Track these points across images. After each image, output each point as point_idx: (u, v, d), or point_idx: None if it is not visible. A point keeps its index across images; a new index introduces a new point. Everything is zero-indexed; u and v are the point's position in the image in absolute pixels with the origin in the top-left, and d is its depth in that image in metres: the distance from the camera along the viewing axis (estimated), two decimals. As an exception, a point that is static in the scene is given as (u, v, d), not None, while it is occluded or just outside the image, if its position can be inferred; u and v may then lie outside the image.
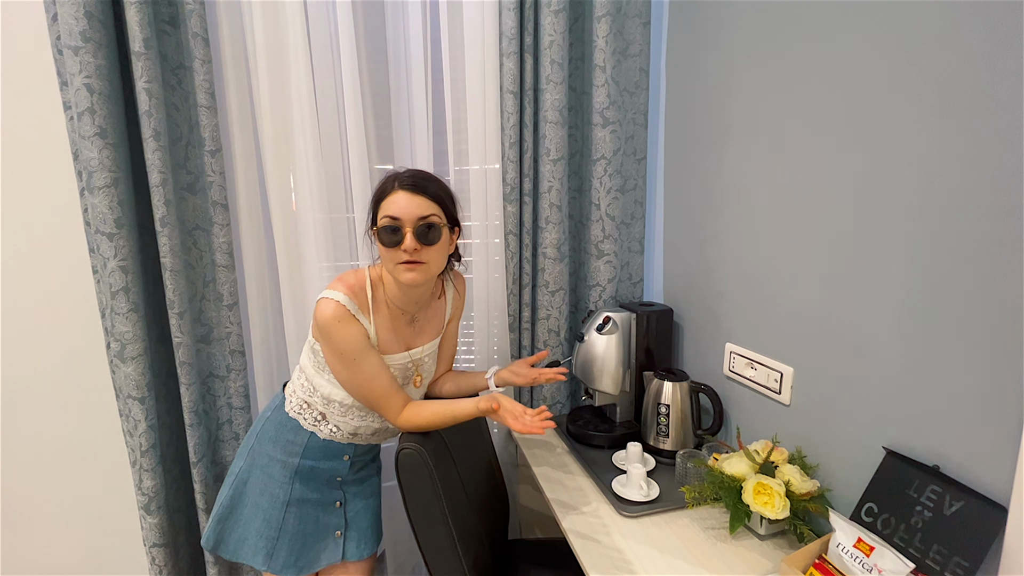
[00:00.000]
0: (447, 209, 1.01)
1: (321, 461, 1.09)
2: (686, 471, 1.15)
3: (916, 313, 0.85)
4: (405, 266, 0.96)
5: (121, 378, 1.20)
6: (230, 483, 1.10)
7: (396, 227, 0.94)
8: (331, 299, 0.97)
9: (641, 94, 1.49)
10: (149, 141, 1.13)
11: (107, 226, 1.12)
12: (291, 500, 1.07)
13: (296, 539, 1.07)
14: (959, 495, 0.78)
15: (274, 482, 1.07)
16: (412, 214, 0.95)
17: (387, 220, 0.95)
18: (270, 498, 1.06)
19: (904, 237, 0.86)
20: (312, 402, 1.07)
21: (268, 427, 1.09)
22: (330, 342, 0.98)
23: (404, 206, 0.94)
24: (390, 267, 0.99)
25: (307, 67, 1.25)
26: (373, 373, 1.00)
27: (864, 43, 0.90)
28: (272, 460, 1.07)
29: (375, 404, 1.04)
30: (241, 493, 1.08)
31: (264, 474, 1.07)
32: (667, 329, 1.43)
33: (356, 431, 1.09)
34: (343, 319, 0.96)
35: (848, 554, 0.83)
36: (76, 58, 1.05)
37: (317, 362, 1.05)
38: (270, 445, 1.08)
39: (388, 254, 0.97)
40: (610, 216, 1.47)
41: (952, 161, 0.78)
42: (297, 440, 1.07)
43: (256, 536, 1.06)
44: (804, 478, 0.99)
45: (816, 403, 1.05)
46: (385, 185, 0.99)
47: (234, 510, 1.09)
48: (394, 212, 0.94)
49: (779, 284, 1.12)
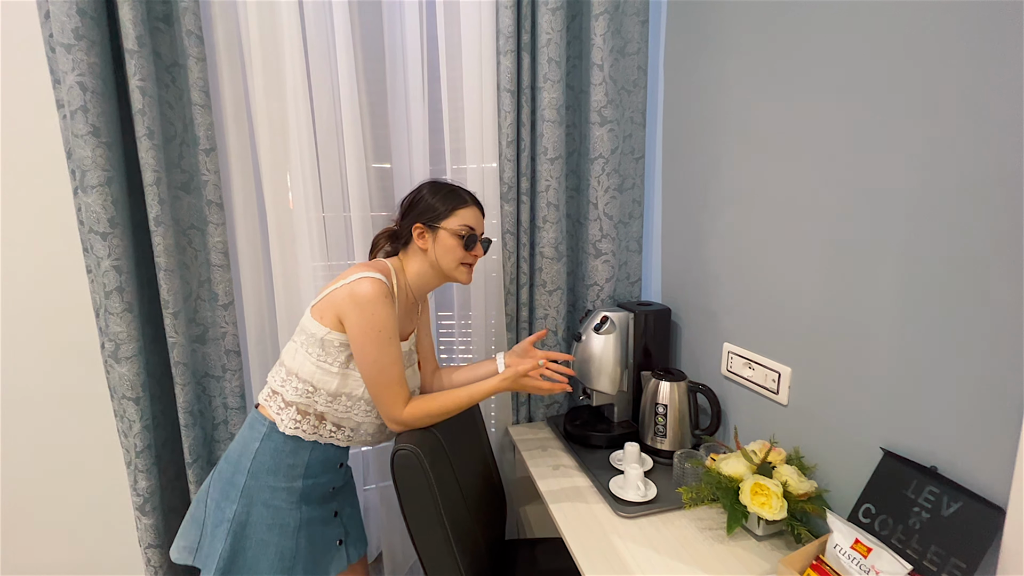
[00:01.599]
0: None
1: (321, 475, 1.08)
2: (684, 471, 1.15)
3: (914, 313, 0.84)
4: (467, 268, 1.15)
5: (116, 378, 1.19)
6: (224, 532, 1.01)
7: (475, 236, 1.13)
8: (375, 278, 1.00)
9: (639, 92, 1.48)
10: (143, 140, 1.12)
11: (101, 225, 1.11)
12: (302, 524, 1.04)
13: (310, 560, 1.06)
14: (957, 496, 0.78)
15: (281, 512, 1.03)
16: (481, 229, 1.16)
17: (467, 229, 1.12)
18: (280, 530, 1.02)
19: (902, 237, 0.85)
20: (310, 406, 1.03)
21: (261, 458, 1.03)
22: (373, 318, 0.99)
23: (478, 220, 1.15)
24: (452, 264, 1.12)
25: (303, 65, 1.24)
26: (396, 357, 1.03)
27: (863, 42, 0.90)
28: (275, 491, 1.03)
29: (386, 392, 1.02)
30: (242, 537, 1.01)
31: (268, 509, 1.02)
32: (665, 329, 1.43)
33: (357, 428, 1.08)
34: (387, 296, 1.01)
35: (845, 555, 0.83)
36: (69, 56, 1.04)
37: (325, 355, 1.01)
38: (269, 477, 1.02)
39: (460, 255, 1.12)
40: (608, 215, 1.47)
41: (950, 161, 0.78)
42: (298, 462, 1.04)
43: (270, 573, 1.02)
44: (802, 479, 0.99)
45: (814, 403, 1.05)
46: (462, 195, 1.14)
47: (237, 558, 1.01)
48: (472, 224, 1.13)
49: (777, 284, 1.12)
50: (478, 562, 1.10)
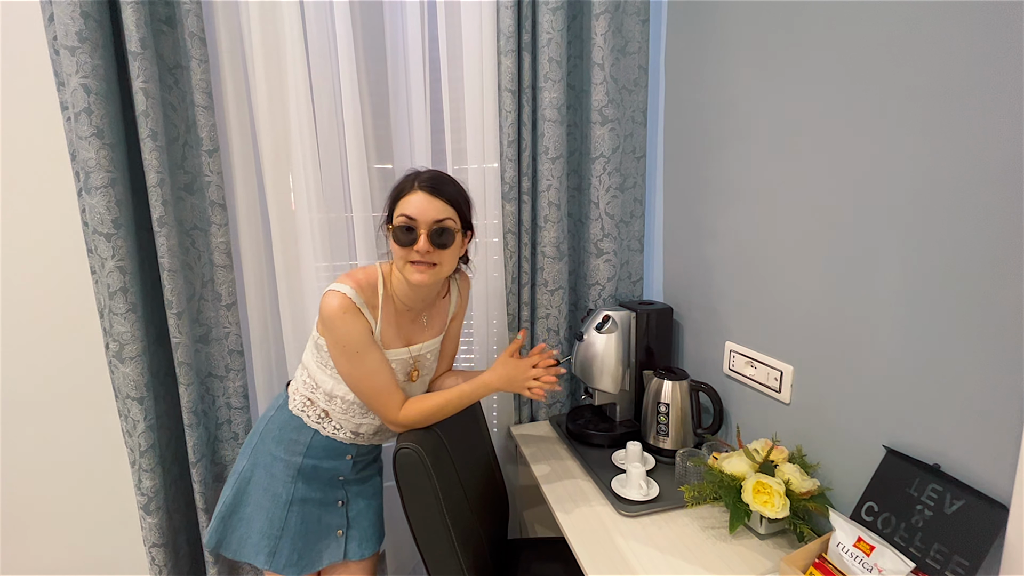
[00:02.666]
0: (462, 213, 1.03)
1: (324, 460, 1.09)
2: (686, 470, 1.15)
3: (917, 311, 0.84)
4: (415, 266, 0.99)
5: (120, 378, 1.19)
6: (233, 482, 1.10)
7: (411, 227, 0.97)
8: (338, 291, 0.98)
9: (640, 92, 1.48)
10: (146, 141, 1.13)
11: (105, 226, 1.12)
12: (294, 499, 1.07)
13: (299, 538, 1.07)
14: (960, 494, 0.78)
15: (277, 481, 1.07)
16: (428, 216, 0.97)
17: (403, 219, 0.97)
18: (273, 497, 1.07)
19: (905, 235, 0.85)
20: (315, 399, 1.08)
21: (271, 426, 1.10)
22: (334, 334, 0.99)
23: (421, 207, 0.97)
24: (400, 265, 1.01)
25: (304, 66, 1.25)
26: (374, 368, 1.02)
27: (865, 39, 0.89)
28: (275, 459, 1.08)
29: (373, 400, 1.04)
30: (244, 492, 1.09)
31: (267, 473, 1.08)
32: (667, 328, 1.43)
33: (358, 429, 1.09)
34: (348, 311, 0.98)
35: (848, 553, 0.83)
36: (73, 58, 1.05)
37: (320, 357, 1.05)
38: (273, 444, 1.08)
39: (400, 252, 0.99)
40: (609, 214, 1.47)
41: (954, 159, 0.77)
42: (300, 439, 1.08)
43: (259, 535, 1.06)
44: (804, 477, 0.98)
45: (816, 402, 1.05)
46: (404, 183, 1.01)
47: (237, 509, 1.09)
48: (411, 212, 0.97)
49: (779, 282, 1.11)
50: (481, 561, 1.10)
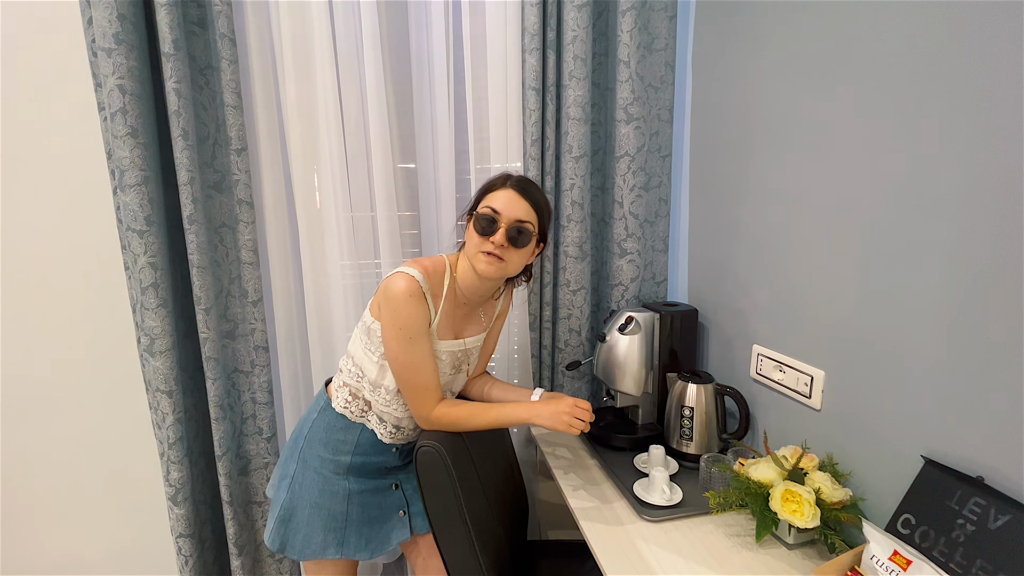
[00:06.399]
0: (542, 221, 1.08)
1: (372, 456, 1.10)
2: (710, 476, 1.12)
3: (958, 313, 0.80)
4: (486, 256, 1.01)
5: (150, 372, 1.23)
6: (287, 486, 1.09)
7: (494, 219, 1.01)
8: (407, 274, 1.00)
9: (666, 89, 1.46)
10: (178, 140, 1.16)
11: (138, 223, 1.15)
12: (351, 493, 1.08)
13: (363, 525, 1.09)
14: (1005, 508, 0.74)
15: (330, 481, 1.08)
16: (512, 213, 1.02)
17: (488, 210, 1.02)
18: (331, 496, 1.07)
19: (946, 236, 0.81)
20: (359, 390, 1.08)
21: (316, 429, 1.10)
22: (396, 315, 0.99)
23: (508, 203, 1.02)
24: (472, 252, 1.03)
25: (332, 66, 1.26)
26: (423, 358, 1.02)
27: (908, 37, 0.86)
28: (324, 461, 1.08)
29: (414, 391, 1.04)
30: (299, 495, 1.08)
31: (319, 475, 1.08)
32: (692, 330, 1.40)
33: (399, 424, 1.10)
34: (415, 295, 0.99)
35: (883, 567, 0.79)
36: (109, 60, 1.08)
37: (370, 343, 1.05)
38: (320, 447, 1.08)
39: (476, 240, 1.02)
40: (633, 214, 1.45)
41: (997, 160, 0.74)
42: (347, 438, 1.08)
43: (324, 532, 1.07)
44: (836, 486, 0.95)
45: (849, 408, 1.01)
46: (496, 180, 1.06)
47: (295, 512, 1.08)
48: (497, 206, 1.02)
49: (810, 285, 1.08)
50: (500, 561, 1.09)
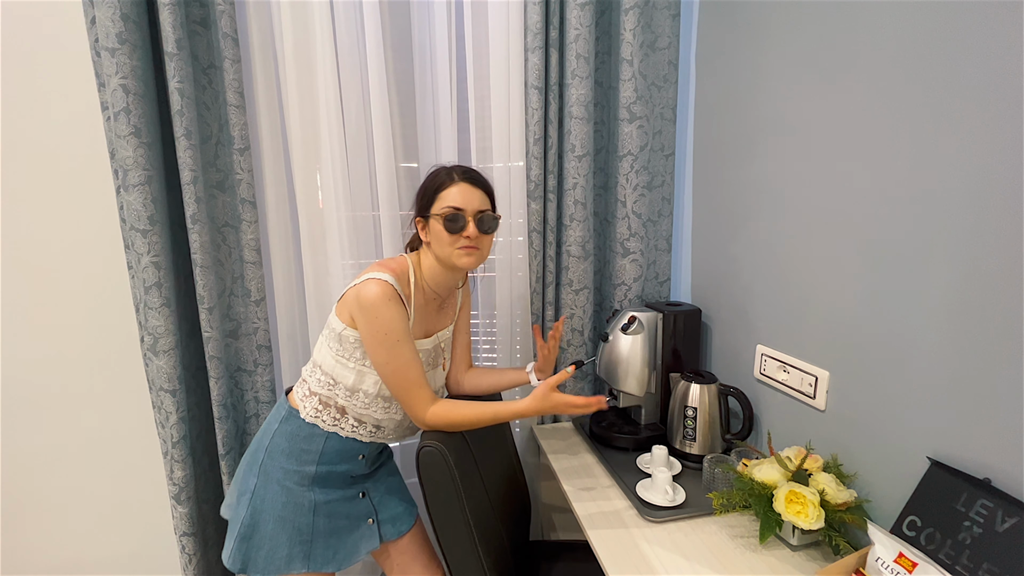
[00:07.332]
0: (493, 201, 1.12)
1: (337, 465, 1.08)
2: (714, 476, 1.12)
3: (964, 313, 0.79)
4: (465, 250, 1.05)
5: (154, 371, 1.23)
6: (247, 502, 1.06)
7: (459, 216, 1.03)
8: (380, 279, 0.99)
9: (670, 88, 1.45)
10: (181, 140, 1.16)
11: (141, 223, 1.15)
12: (316, 505, 1.06)
13: (331, 536, 1.07)
14: (1013, 511, 0.73)
15: (294, 493, 1.06)
16: (473, 205, 1.05)
17: (450, 209, 1.04)
18: (295, 508, 1.05)
19: (953, 236, 0.80)
20: (331, 398, 1.05)
21: (278, 440, 1.07)
22: (376, 322, 0.99)
23: (466, 197, 1.05)
24: (448, 251, 1.05)
25: (334, 66, 1.26)
26: (410, 359, 1.02)
27: (912, 37, 0.85)
28: (287, 473, 1.06)
29: (407, 394, 1.03)
30: (261, 510, 1.05)
31: (282, 488, 1.05)
32: (695, 330, 1.39)
33: (379, 424, 1.09)
34: (392, 299, 0.99)
35: (888, 569, 0.79)
36: (113, 59, 1.08)
37: (342, 350, 1.04)
38: (283, 458, 1.06)
39: (449, 240, 1.04)
40: (636, 213, 1.44)
41: (1004, 160, 0.73)
42: (312, 448, 1.06)
43: (290, 545, 1.05)
44: (840, 487, 0.94)
45: (853, 409, 1.00)
46: (441, 178, 1.07)
47: (257, 528, 1.05)
48: (457, 203, 1.04)
49: (815, 285, 1.07)
50: (502, 562, 1.09)
